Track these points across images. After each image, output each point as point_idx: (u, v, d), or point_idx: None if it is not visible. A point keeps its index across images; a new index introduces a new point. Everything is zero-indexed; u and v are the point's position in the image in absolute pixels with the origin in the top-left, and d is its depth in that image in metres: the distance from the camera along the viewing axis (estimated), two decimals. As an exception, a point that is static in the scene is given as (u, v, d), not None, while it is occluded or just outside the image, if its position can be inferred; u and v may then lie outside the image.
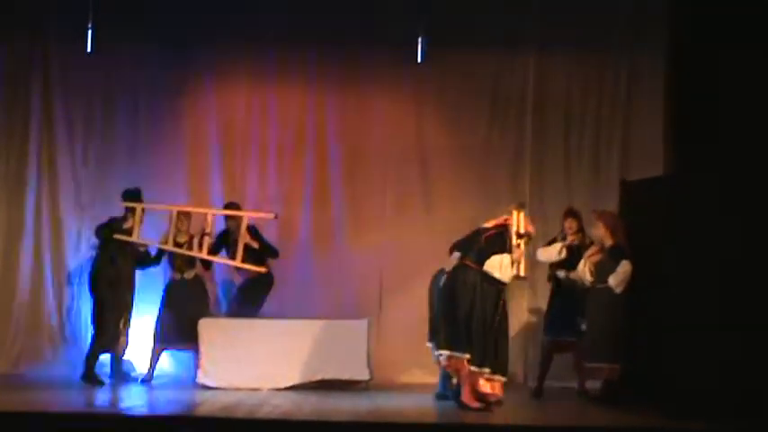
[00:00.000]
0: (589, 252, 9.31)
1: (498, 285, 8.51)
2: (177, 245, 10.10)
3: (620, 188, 10.21)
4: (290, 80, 11.24)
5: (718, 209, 8.20)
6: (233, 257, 10.09)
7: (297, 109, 11.26)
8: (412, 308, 10.71)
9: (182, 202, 10.84)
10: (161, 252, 10.35)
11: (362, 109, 11.26)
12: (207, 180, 11.24)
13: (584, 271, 9.20)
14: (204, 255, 10.11)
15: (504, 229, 8.57)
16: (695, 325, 8.26)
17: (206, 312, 10.26)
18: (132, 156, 11.26)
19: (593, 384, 9.42)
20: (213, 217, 10.17)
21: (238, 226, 10.09)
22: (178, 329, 10.13)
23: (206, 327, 9.93)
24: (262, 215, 10.21)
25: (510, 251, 8.42)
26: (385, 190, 11.24)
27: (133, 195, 10.15)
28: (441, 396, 9.21)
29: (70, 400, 8.83)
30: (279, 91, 11.30)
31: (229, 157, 11.26)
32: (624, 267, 8.97)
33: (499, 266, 8.42)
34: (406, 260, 10.93)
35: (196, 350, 9.94)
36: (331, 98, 11.24)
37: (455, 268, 8.66)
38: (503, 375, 8.46)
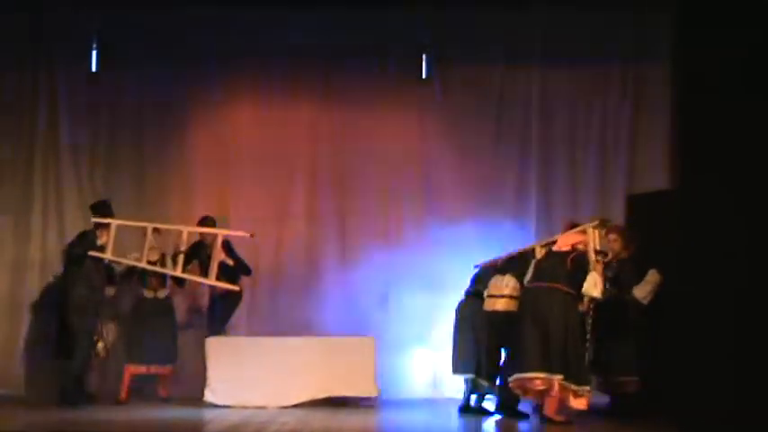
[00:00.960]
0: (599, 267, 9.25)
1: (578, 303, 8.66)
2: (149, 263, 9.96)
3: (626, 202, 10.19)
4: (295, 97, 11.25)
5: (724, 220, 8.17)
6: (205, 274, 10.04)
7: (302, 125, 11.27)
8: (418, 323, 10.75)
9: (188, 221, 10.86)
10: (131, 271, 10.20)
11: (367, 124, 11.25)
12: (213, 198, 11.22)
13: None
14: (179, 272, 9.99)
15: (579, 249, 8.76)
16: (706, 338, 8.22)
17: (175, 333, 10.28)
18: (138, 176, 11.27)
19: (601, 398, 9.38)
20: (188, 235, 10.07)
21: (214, 239, 10.07)
22: (152, 350, 10.07)
23: (213, 345, 9.91)
24: (238, 233, 10.17)
25: (592, 269, 8.62)
26: (389, 204, 11.21)
27: (104, 209, 9.97)
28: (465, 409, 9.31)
29: (75, 419, 8.79)
30: (283, 108, 11.30)
31: (235, 175, 11.25)
32: (654, 277, 8.98)
33: (594, 286, 8.57)
34: (412, 275, 10.94)
35: (167, 371, 10.14)
36: (335, 114, 11.24)
37: (534, 292, 8.68)
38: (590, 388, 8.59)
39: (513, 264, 9.24)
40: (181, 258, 9.96)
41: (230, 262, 10.16)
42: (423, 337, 10.75)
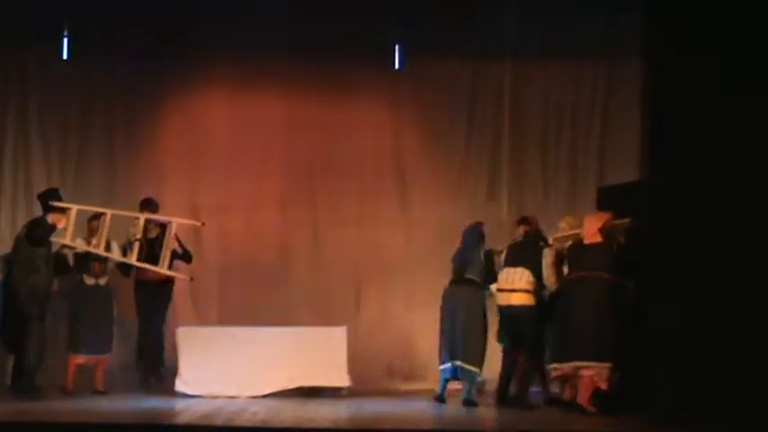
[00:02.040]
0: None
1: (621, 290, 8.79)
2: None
3: (597, 194, 10.25)
4: (268, 86, 11.26)
5: (694, 211, 8.23)
6: (145, 259, 9.94)
7: (274, 115, 11.27)
8: (390, 313, 10.78)
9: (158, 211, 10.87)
10: (82, 258, 9.92)
11: (340, 115, 11.27)
12: (184, 187, 11.23)
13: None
14: (134, 260, 9.90)
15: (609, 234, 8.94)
16: (680, 327, 8.28)
17: (113, 320, 10.03)
18: (109, 165, 11.25)
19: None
20: (144, 222, 9.99)
21: (155, 226, 10.04)
22: (93, 339, 9.82)
23: (184, 335, 9.92)
24: (189, 222, 10.19)
25: None
26: (362, 196, 11.27)
27: (58, 196, 9.72)
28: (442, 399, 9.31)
29: (55, 409, 8.73)
30: (256, 97, 11.32)
31: (206, 164, 11.26)
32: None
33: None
34: (384, 265, 10.98)
35: (105, 360, 9.88)
36: (308, 104, 11.24)
37: (578, 282, 8.72)
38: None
39: (523, 255, 9.17)
40: (136, 246, 9.89)
41: (180, 250, 10.15)
42: (395, 326, 10.79)
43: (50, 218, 9.60)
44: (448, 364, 9.23)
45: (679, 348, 8.18)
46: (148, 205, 10.27)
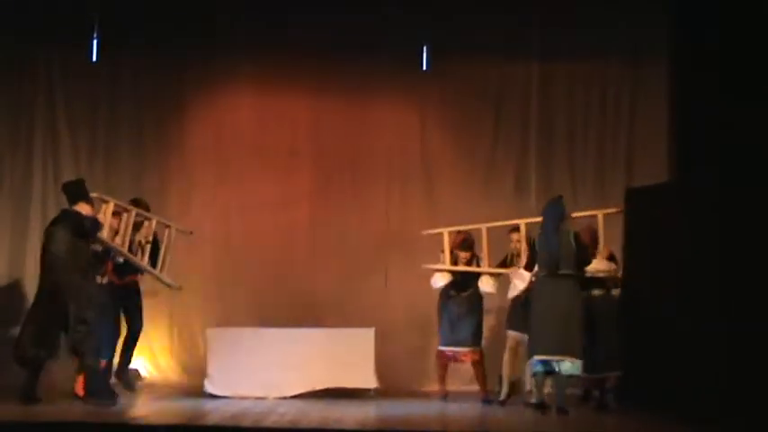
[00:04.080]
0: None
1: None
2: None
3: (626, 196, 10.20)
4: (294, 88, 11.30)
5: (719, 215, 8.20)
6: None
7: (301, 114, 11.33)
8: (417, 315, 10.77)
9: (187, 210, 10.92)
10: (99, 256, 9.34)
11: (367, 117, 11.32)
12: (211, 185, 11.31)
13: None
14: (145, 263, 9.69)
15: None
16: (695, 329, 8.26)
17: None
18: (137, 165, 11.32)
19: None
20: (154, 224, 9.84)
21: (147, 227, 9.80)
22: (114, 340, 9.53)
23: (213, 336, 9.95)
24: (181, 229, 10.05)
25: None
26: (389, 197, 11.29)
27: (85, 187, 9.16)
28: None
29: (77, 409, 8.77)
30: (283, 98, 11.36)
31: (234, 164, 11.31)
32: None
33: None
34: (412, 265, 10.93)
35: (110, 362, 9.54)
36: (336, 106, 11.29)
37: None
38: None
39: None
40: (148, 249, 9.78)
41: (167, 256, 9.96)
42: (424, 327, 10.78)
43: (84, 210, 9.02)
44: (536, 358, 8.75)
45: (696, 349, 8.18)
46: (138, 204, 9.88)
